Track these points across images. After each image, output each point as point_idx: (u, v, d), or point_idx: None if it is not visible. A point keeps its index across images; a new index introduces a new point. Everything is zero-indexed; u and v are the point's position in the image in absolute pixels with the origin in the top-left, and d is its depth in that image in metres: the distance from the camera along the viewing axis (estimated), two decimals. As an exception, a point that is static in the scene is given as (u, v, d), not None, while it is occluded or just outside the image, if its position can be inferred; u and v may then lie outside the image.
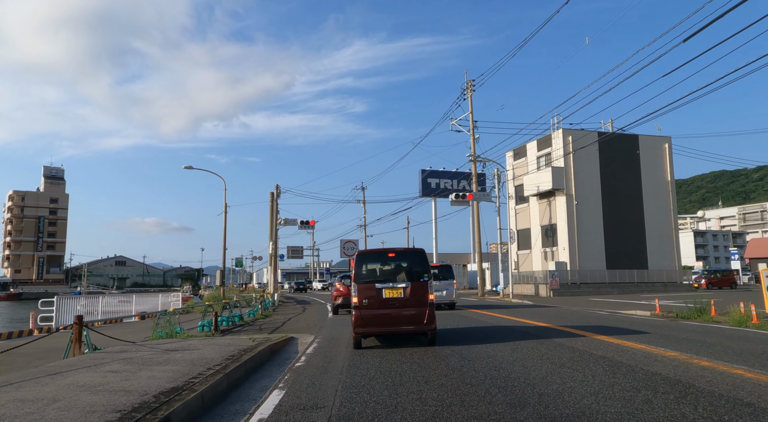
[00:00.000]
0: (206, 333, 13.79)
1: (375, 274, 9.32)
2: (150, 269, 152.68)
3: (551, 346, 8.81)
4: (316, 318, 18.71)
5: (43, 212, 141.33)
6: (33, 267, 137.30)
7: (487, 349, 8.59)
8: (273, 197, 32.10)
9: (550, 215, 31.64)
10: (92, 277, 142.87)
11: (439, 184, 58.20)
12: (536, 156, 32.54)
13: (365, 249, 13.57)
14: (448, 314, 16.94)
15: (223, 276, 29.19)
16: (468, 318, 16.16)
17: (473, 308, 20.84)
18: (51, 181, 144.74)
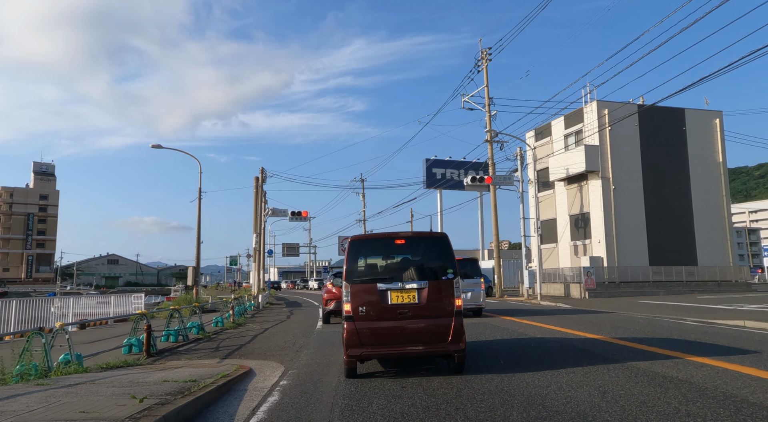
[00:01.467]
0: (132, 357, 9.32)
1: (376, 270, 6.55)
2: (143, 267, 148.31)
3: (634, 375, 6.08)
4: (300, 328, 14.25)
5: (33, 209, 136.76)
6: (22, 266, 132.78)
7: (542, 381, 5.93)
8: (258, 182, 27.62)
9: (581, 203, 27.12)
10: (83, 276, 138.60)
11: (444, 174, 53.71)
12: (563, 134, 28.05)
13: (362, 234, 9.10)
14: (473, 323, 12.57)
15: (196, 274, 24.72)
16: (499, 327, 12.03)
17: (502, 315, 16.42)
18: (41, 177, 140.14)
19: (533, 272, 25.24)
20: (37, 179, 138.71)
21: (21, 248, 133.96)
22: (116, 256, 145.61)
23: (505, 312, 17.17)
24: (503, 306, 20.75)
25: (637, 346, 8.53)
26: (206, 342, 12.07)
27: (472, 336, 10.18)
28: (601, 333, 10.60)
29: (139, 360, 8.96)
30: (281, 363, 8.10)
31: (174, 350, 10.61)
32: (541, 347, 8.82)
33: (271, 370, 7.57)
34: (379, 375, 6.51)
